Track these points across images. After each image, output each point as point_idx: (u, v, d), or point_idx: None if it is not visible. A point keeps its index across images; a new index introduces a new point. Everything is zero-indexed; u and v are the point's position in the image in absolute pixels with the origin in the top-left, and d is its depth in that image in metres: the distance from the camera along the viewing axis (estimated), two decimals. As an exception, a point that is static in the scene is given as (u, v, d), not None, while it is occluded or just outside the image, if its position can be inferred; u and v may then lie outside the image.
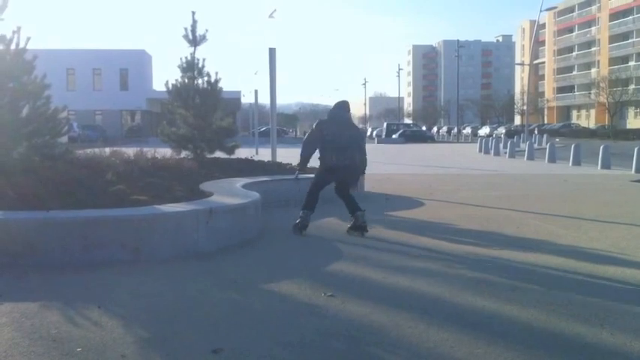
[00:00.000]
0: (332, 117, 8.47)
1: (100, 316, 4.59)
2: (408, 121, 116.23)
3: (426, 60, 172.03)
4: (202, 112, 12.89)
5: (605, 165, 20.78)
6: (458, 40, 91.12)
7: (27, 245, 6.20)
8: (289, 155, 19.23)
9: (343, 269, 6.20)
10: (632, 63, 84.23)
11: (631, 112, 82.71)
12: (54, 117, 9.05)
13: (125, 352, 3.90)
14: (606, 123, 72.30)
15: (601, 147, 21.84)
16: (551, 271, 6.12)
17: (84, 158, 10.09)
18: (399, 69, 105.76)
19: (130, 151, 11.45)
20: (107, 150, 11.59)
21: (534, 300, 5.04)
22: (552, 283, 5.61)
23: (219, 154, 13.29)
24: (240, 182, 10.12)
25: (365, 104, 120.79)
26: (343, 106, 8.57)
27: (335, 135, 8.18)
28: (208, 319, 4.61)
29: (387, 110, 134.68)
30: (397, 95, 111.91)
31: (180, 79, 12.99)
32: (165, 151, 12.72)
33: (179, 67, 13.01)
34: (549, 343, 4.08)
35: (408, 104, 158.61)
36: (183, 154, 13.02)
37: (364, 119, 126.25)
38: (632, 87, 77.42)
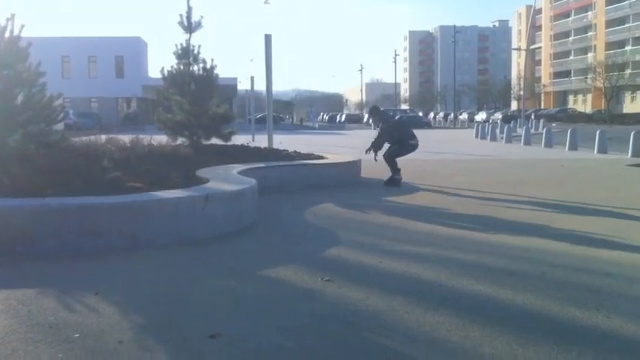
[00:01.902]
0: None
1: (97, 303, 4.60)
2: (404, 107, 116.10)
3: (423, 46, 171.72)
4: (198, 98, 12.87)
5: (602, 149, 20.80)
6: (454, 26, 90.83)
7: (23, 233, 6.19)
8: (286, 142, 19.22)
9: (340, 254, 6.21)
10: (628, 47, 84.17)
11: (627, 96, 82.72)
12: (49, 105, 9.03)
13: (122, 338, 3.91)
14: (603, 108, 72.36)
15: (597, 132, 21.85)
16: (547, 255, 6.13)
17: (80, 146, 10.08)
18: (396, 55, 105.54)
19: (126, 138, 11.44)
20: (103, 137, 11.57)
21: (530, 284, 5.06)
22: (548, 267, 5.63)
23: (215, 140, 13.29)
24: (236, 168, 10.13)
25: (361, 90, 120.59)
26: None
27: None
28: (205, 305, 4.62)
29: (383, 96, 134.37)
30: (394, 81, 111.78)
31: (175, 66, 12.95)
32: (161, 138, 12.70)
33: (174, 53, 12.97)
34: (545, 327, 4.10)
35: (404, 90, 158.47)
36: (179, 140, 13.01)
37: (360, 105, 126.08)
38: (628, 71, 77.41)
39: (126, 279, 5.36)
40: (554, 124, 48.88)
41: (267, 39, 15.08)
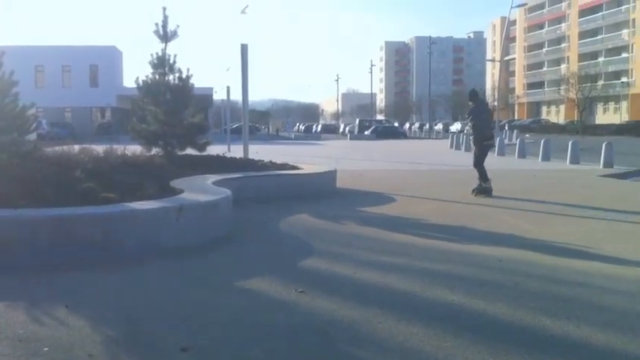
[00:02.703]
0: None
1: (67, 316, 4.55)
2: (380, 117, 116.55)
3: (399, 56, 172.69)
4: (173, 108, 12.78)
5: (574, 160, 21.02)
6: (430, 37, 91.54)
7: (-7, 244, 6.10)
8: (261, 152, 19.19)
9: (314, 265, 6.21)
10: (601, 59, 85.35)
11: (600, 107, 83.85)
12: (22, 114, 8.95)
13: (92, 351, 3.87)
14: (575, 119, 73.17)
15: (570, 142, 22.10)
16: (519, 265, 6.19)
17: (53, 156, 9.97)
18: (372, 65, 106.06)
19: (100, 149, 11.34)
20: (76, 147, 11.46)
21: (502, 294, 5.10)
22: (520, 277, 5.68)
23: (190, 150, 13.22)
24: (211, 179, 10.09)
25: (337, 100, 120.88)
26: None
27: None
28: (177, 317, 4.58)
29: (359, 106, 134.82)
30: (370, 91, 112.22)
31: (151, 76, 12.85)
32: (135, 149, 12.61)
33: (150, 63, 12.88)
34: (516, 336, 4.13)
35: (380, 100, 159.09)
36: (154, 151, 12.91)
37: (337, 115, 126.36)
38: (600, 83, 78.43)
39: (97, 291, 5.30)
40: (527, 135, 49.38)
41: (244, 49, 15.09)
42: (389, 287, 5.37)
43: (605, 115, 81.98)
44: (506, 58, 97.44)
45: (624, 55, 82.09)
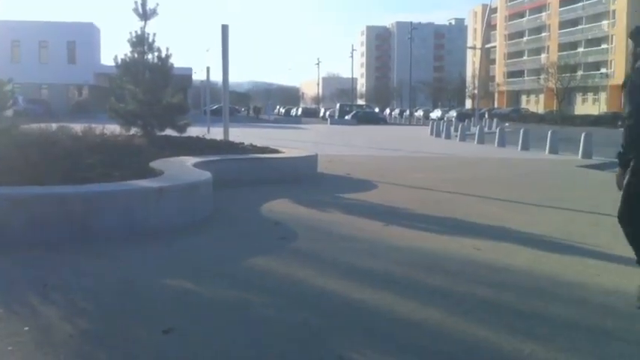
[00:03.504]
0: None
1: (45, 296, 4.49)
2: (360, 102, 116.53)
3: (380, 41, 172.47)
4: (152, 88, 12.64)
5: (553, 150, 21.14)
6: (411, 22, 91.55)
7: (-31, 222, 6.00)
8: (241, 134, 19.11)
9: (301, 248, 6.20)
10: (580, 49, 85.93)
11: (579, 98, 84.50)
12: (-2, 90, 8.79)
13: (72, 331, 3.83)
14: (554, 108, 73.73)
15: (549, 132, 22.21)
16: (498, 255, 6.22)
17: (30, 133, 9.82)
18: (353, 50, 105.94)
19: (78, 127, 11.19)
20: (54, 125, 11.28)
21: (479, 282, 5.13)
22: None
23: (169, 131, 13.10)
24: (191, 161, 10.01)
25: (318, 84, 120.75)
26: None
27: None
28: (157, 301, 4.54)
29: (340, 91, 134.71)
30: (350, 76, 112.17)
31: (129, 54, 12.69)
32: (113, 128, 12.46)
33: (129, 41, 12.71)
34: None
35: (361, 85, 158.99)
36: (133, 130, 12.78)
37: (317, 99, 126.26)
38: (580, 73, 79.05)
39: (75, 272, 5.22)
40: (507, 124, 49.61)
41: (224, 29, 14.97)
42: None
43: (584, 106, 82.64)
44: (487, 45, 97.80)
45: (604, 46, 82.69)
